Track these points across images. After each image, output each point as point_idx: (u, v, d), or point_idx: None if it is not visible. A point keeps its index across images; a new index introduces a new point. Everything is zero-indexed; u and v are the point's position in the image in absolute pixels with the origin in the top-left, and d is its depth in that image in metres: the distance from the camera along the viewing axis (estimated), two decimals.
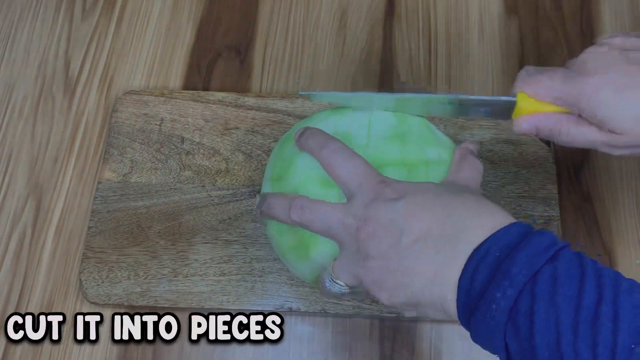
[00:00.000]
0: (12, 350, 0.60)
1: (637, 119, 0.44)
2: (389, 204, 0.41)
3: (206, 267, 0.61)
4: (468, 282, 0.38)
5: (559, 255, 0.36)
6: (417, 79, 0.71)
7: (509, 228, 0.38)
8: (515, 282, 0.36)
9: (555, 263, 0.36)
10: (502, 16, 0.75)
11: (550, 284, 0.35)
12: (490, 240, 0.38)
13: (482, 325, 0.37)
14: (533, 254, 0.36)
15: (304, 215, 0.44)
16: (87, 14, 0.76)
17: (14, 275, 0.63)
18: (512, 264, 0.36)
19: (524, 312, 0.35)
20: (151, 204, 0.64)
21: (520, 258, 0.36)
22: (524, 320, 0.35)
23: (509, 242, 0.37)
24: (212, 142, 0.67)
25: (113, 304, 0.60)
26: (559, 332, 0.34)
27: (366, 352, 0.60)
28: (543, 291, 0.35)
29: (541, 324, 0.35)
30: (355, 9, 0.76)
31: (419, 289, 0.40)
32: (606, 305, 0.34)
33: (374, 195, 0.42)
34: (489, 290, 0.36)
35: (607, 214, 0.64)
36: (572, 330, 0.34)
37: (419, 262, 0.40)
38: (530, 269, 0.36)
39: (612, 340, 0.33)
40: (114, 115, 0.69)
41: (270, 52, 0.73)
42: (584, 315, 0.34)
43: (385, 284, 0.41)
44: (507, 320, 0.36)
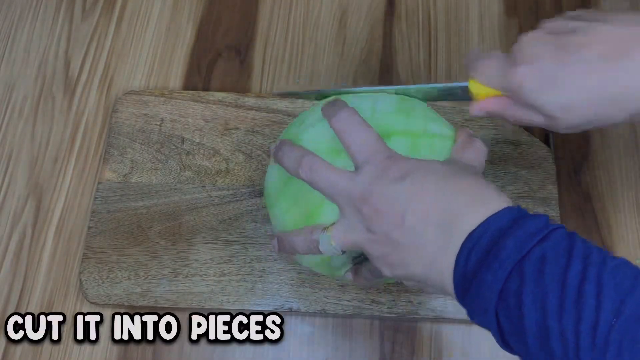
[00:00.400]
0: (12, 350, 0.60)
1: (564, 107, 0.45)
2: (393, 182, 0.42)
3: (206, 267, 0.61)
4: (462, 265, 0.39)
5: (548, 237, 0.38)
6: (417, 78, 0.71)
7: (502, 213, 0.40)
8: (504, 264, 0.37)
9: (543, 244, 0.37)
10: (502, 16, 0.75)
11: (538, 265, 0.37)
12: (484, 225, 0.39)
13: (475, 305, 0.39)
14: (523, 237, 0.38)
15: (311, 175, 0.45)
16: (87, 14, 0.76)
17: (14, 275, 0.63)
18: (502, 247, 0.38)
19: (512, 292, 0.37)
20: (151, 204, 0.64)
21: (509, 241, 0.38)
22: (513, 300, 0.37)
23: (501, 226, 0.39)
24: (212, 143, 0.67)
25: (113, 304, 0.60)
26: (545, 309, 0.35)
27: (366, 352, 0.60)
28: (531, 272, 0.37)
29: (529, 303, 0.36)
30: (355, 9, 0.76)
31: (420, 269, 0.42)
32: (590, 284, 0.35)
33: (380, 171, 0.43)
34: (481, 272, 0.38)
35: (607, 214, 0.64)
36: (557, 308, 0.35)
37: (419, 244, 0.41)
38: (519, 251, 0.37)
39: (595, 316, 0.34)
40: (114, 115, 0.69)
41: (270, 52, 0.73)
42: (569, 293, 0.35)
43: (388, 259, 0.43)
44: (498, 299, 0.38)
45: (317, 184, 0.45)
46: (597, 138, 0.68)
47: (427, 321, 0.61)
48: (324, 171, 0.45)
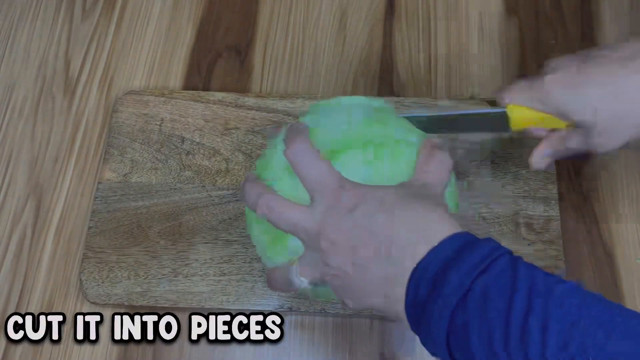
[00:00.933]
0: (12, 350, 0.60)
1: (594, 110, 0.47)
2: (344, 215, 0.42)
3: (206, 267, 0.61)
4: (412, 298, 0.40)
5: (491, 267, 0.37)
6: (417, 79, 0.71)
7: (447, 242, 0.40)
8: (448, 300, 0.37)
9: (486, 276, 0.37)
10: (502, 16, 0.75)
11: (481, 300, 0.36)
12: (429, 256, 0.39)
13: (428, 336, 0.39)
14: (466, 269, 0.37)
15: (269, 214, 0.45)
16: (87, 14, 0.76)
17: (14, 275, 0.63)
18: (446, 281, 0.37)
19: (460, 328, 0.37)
20: (151, 204, 0.64)
21: (452, 275, 0.37)
22: (462, 336, 0.37)
23: (446, 257, 0.39)
24: (212, 142, 0.67)
25: (113, 304, 0.60)
26: (491, 345, 0.35)
27: (366, 352, 0.60)
28: (475, 307, 0.36)
29: (475, 339, 0.36)
30: (355, 9, 0.76)
31: (376, 302, 0.42)
32: (534, 318, 0.34)
33: (332, 203, 0.43)
34: (428, 306, 0.38)
35: (607, 214, 0.64)
36: (503, 344, 0.35)
37: (371, 278, 0.42)
38: (462, 284, 0.37)
39: (541, 351, 0.33)
40: (114, 115, 0.69)
41: (270, 52, 0.73)
42: (514, 330, 0.34)
43: (347, 292, 0.43)
44: (447, 333, 0.37)
45: (276, 223, 0.45)
46: None
47: None
48: (281, 209, 0.45)
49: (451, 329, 0.37)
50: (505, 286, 0.36)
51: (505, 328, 0.35)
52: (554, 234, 0.62)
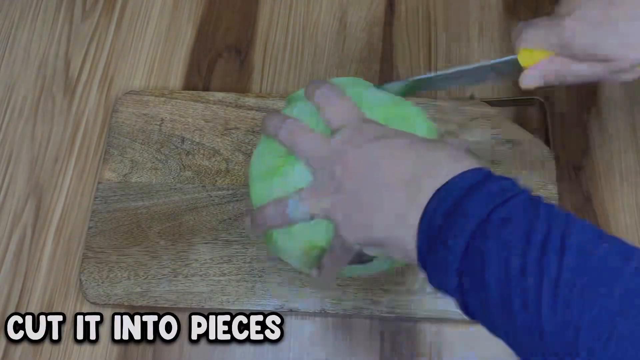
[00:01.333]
0: (12, 350, 0.60)
1: (621, 45, 0.46)
2: (366, 142, 0.43)
3: (206, 267, 0.61)
4: (428, 222, 0.39)
5: (513, 198, 0.37)
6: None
7: (470, 172, 0.39)
8: (469, 222, 0.37)
9: (508, 205, 0.37)
10: (502, 16, 0.75)
11: (502, 224, 0.36)
12: (451, 183, 0.39)
13: (438, 264, 0.39)
14: (489, 196, 0.38)
15: (289, 138, 0.46)
16: (87, 14, 0.76)
17: (14, 275, 0.63)
18: (468, 205, 0.37)
19: (476, 250, 0.36)
20: (151, 204, 0.64)
21: (475, 199, 0.38)
22: (477, 258, 0.36)
23: (469, 184, 0.39)
24: (212, 142, 0.67)
25: (113, 304, 0.60)
26: (508, 267, 0.35)
27: (366, 352, 0.60)
28: (495, 230, 0.36)
29: (492, 261, 0.36)
30: (355, 9, 0.76)
31: (383, 227, 0.41)
32: (554, 243, 0.34)
33: (355, 133, 0.44)
34: (445, 230, 0.38)
35: (607, 214, 0.64)
36: (520, 267, 0.35)
37: (386, 202, 0.41)
38: (485, 209, 0.37)
39: (557, 274, 0.34)
40: (114, 115, 0.69)
41: (270, 52, 0.73)
42: (532, 252, 0.35)
43: (352, 221, 0.43)
44: (461, 259, 0.37)
45: (295, 147, 0.46)
46: (597, 138, 0.68)
47: (427, 321, 0.61)
48: (302, 134, 0.46)
49: (467, 252, 0.37)
50: (526, 215, 0.36)
51: (522, 255, 0.35)
52: None
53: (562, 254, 0.34)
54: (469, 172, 0.39)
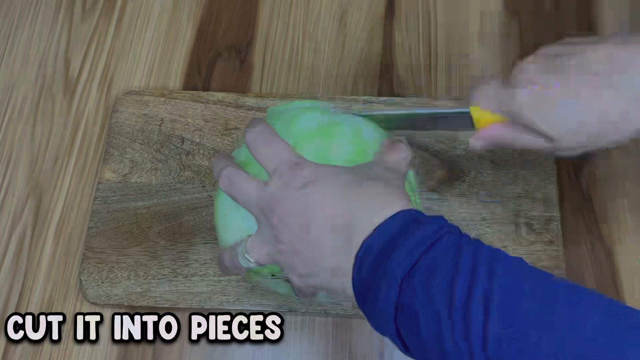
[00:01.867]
0: (12, 350, 0.60)
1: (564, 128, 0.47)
2: (297, 190, 0.43)
3: (206, 267, 0.61)
4: (357, 275, 0.40)
5: (436, 244, 0.38)
6: (417, 79, 0.71)
7: (394, 218, 0.40)
8: (394, 276, 0.37)
9: (432, 253, 0.37)
10: (502, 16, 0.75)
11: (426, 276, 0.36)
12: (377, 232, 0.39)
13: (374, 315, 0.39)
14: (412, 245, 0.38)
15: (228, 186, 0.46)
16: (87, 14, 0.76)
17: (14, 276, 0.63)
18: (392, 258, 0.38)
19: (407, 305, 0.37)
20: (151, 204, 0.64)
21: (399, 251, 0.38)
22: (409, 314, 0.37)
23: (392, 233, 0.39)
24: (212, 143, 0.67)
25: (113, 304, 0.60)
26: (439, 321, 0.35)
27: (366, 352, 0.60)
28: (420, 284, 0.36)
29: (423, 317, 0.36)
30: (355, 9, 0.76)
31: (325, 278, 0.42)
32: (477, 294, 0.34)
33: (286, 179, 0.44)
34: (374, 284, 0.38)
35: (607, 214, 0.64)
36: (449, 322, 0.35)
37: (321, 254, 0.42)
38: (408, 262, 0.37)
39: (484, 326, 0.34)
40: (114, 115, 0.69)
41: (270, 52, 0.73)
42: (457, 304, 0.35)
43: (296, 269, 0.44)
44: (395, 312, 0.37)
45: (233, 195, 0.46)
46: None
47: None
48: (239, 181, 0.45)
49: (398, 306, 0.37)
50: (449, 262, 0.36)
51: (448, 308, 0.35)
52: (554, 234, 0.62)
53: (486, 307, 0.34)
54: (395, 218, 0.40)
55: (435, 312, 0.35)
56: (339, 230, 0.41)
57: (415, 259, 0.37)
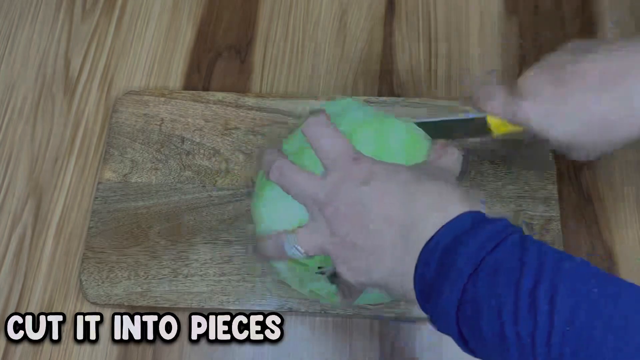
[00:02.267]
0: (12, 350, 0.60)
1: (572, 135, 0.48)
2: (356, 185, 0.43)
3: (206, 267, 0.61)
4: (421, 273, 0.40)
5: (501, 244, 0.38)
6: (417, 79, 0.71)
7: (458, 219, 0.40)
8: (460, 275, 0.38)
9: (496, 252, 0.38)
10: (502, 16, 0.75)
11: (491, 274, 0.37)
12: (440, 233, 0.40)
13: (436, 314, 0.40)
14: (477, 245, 0.38)
15: (280, 178, 0.46)
16: (87, 14, 0.76)
17: (14, 276, 0.63)
18: (457, 257, 0.38)
19: (470, 303, 0.37)
20: (151, 204, 0.64)
21: (463, 250, 0.38)
22: (471, 311, 0.37)
23: (456, 234, 0.39)
24: (212, 142, 0.67)
25: (113, 304, 0.60)
26: (501, 319, 0.36)
27: (366, 352, 0.60)
28: (485, 282, 0.37)
29: (486, 313, 0.36)
30: (355, 9, 0.76)
31: (381, 275, 0.42)
32: (543, 292, 0.35)
33: (345, 174, 0.44)
34: (438, 282, 0.39)
35: (607, 214, 0.64)
36: (513, 316, 0.35)
37: (380, 249, 0.42)
38: (473, 261, 0.38)
39: (549, 323, 0.34)
40: (114, 115, 0.69)
41: (270, 52, 0.73)
42: (522, 305, 0.35)
43: (351, 264, 0.44)
44: (457, 310, 0.38)
45: (286, 187, 0.46)
46: None
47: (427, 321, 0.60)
48: (292, 175, 0.46)
49: (461, 303, 0.38)
50: (515, 262, 0.37)
51: (514, 303, 0.35)
52: (554, 234, 0.62)
53: (552, 302, 0.34)
54: (459, 219, 0.40)
55: (499, 308, 0.36)
56: (401, 225, 0.41)
57: (481, 257, 0.38)
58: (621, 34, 0.72)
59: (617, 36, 0.72)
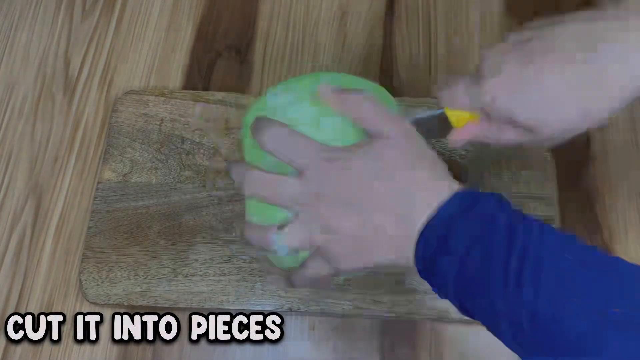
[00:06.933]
0: (12, 350, 0.60)
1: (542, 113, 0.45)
2: (340, 178, 0.43)
3: (206, 267, 0.61)
4: (421, 253, 0.41)
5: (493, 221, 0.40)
6: (417, 79, 0.71)
7: (452, 200, 0.41)
8: (456, 252, 0.40)
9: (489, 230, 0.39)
10: (502, 16, 0.75)
11: (484, 252, 0.39)
12: (436, 215, 0.41)
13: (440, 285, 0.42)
14: (470, 224, 0.40)
15: (256, 191, 0.45)
16: (87, 14, 0.76)
17: (14, 275, 0.63)
18: (452, 236, 0.40)
19: (466, 277, 0.40)
20: (151, 204, 0.64)
21: (459, 230, 0.40)
22: (466, 284, 0.40)
23: (451, 213, 0.41)
24: (212, 142, 0.67)
25: (113, 304, 0.60)
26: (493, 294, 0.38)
27: (366, 352, 0.60)
28: (478, 259, 0.39)
29: (478, 284, 0.39)
30: (355, 9, 0.76)
31: (386, 258, 0.43)
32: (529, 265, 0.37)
33: (326, 171, 0.43)
34: (437, 261, 0.41)
35: (607, 214, 0.64)
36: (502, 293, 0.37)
37: (384, 237, 0.43)
38: (467, 238, 0.39)
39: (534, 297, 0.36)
40: (114, 115, 0.68)
41: (270, 52, 0.73)
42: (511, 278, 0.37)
43: (348, 254, 0.44)
44: (455, 285, 0.40)
45: (262, 197, 0.45)
46: (597, 138, 0.68)
47: (427, 321, 0.61)
48: (268, 183, 0.44)
49: (457, 280, 0.40)
50: (503, 237, 0.39)
51: (504, 277, 0.37)
52: None
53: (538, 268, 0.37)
54: (451, 201, 0.41)
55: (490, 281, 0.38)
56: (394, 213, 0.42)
57: (476, 234, 0.39)
58: None
59: None
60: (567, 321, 0.36)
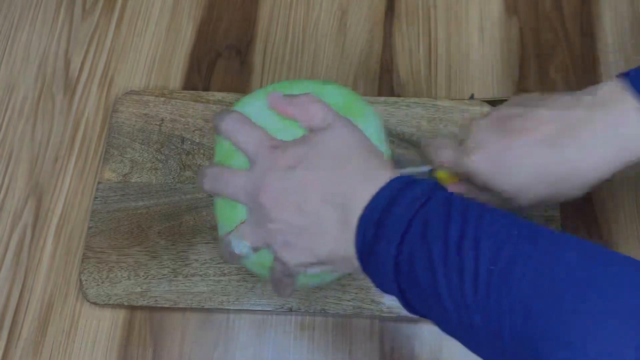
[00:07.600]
0: (12, 350, 0.60)
1: (517, 189, 0.50)
2: (285, 172, 0.44)
3: (206, 267, 0.61)
4: (361, 240, 0.42)
5: (429, 201, 0.41)
6: (417, 79, 0.71)
7: (388, 185, 0.42)
8: (394, 234, 0.40)
9: (425, 209, 0.40)
10: (502, 16, 0.75)
11: (421, 229, 0.39)
12: (374, 200, 0.42)
13: (379, 275, 0.42)
14: (407, 205, 0.41)
15: (215, 184, 0.48)
16: (87, 14, 0.76)
17: (14, 275, 0.63)
18: (389, 219, 0.41)
19: (405, 258, 0.40)
20: (151, 204, 0.64)
21: (395, 211, 0.41)
22: (407, 265, 0.40)
23: (389, 198, 0.42)
24: (212, 142, 0.67)
25: (113, 304, 0.60)
26: (433, 267, 0.38)
27: (366, 352, 0.60)
28: (416, 236, 0.39)
29: (420, 264, 0.39)
30: (355, 9, 0.76)
31: (326, 249, 0.44)
32: (468, 239, 0.38)
33: (271, 163, 0.45)
34: (376, 245, 0.41)
35: (607, 214, 0.64)
36: (443, 263, 0.38)
37: (323, 226, 0.43)
38: (405, 219, 0.40)
39: (475, 265, 0.37)
40: (114, 115, 0.69)
41: (270, 52, 0.73)
42: (451, 249, 0.38)
43: (293, 246, 0.45)
44: (394, 267, 0.40)
45: (219, 190, 0.47)
46: None
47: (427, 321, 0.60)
48: (224, 175, 0.47)
49: (398, 261, 0.40)
50: (443, 216, 0.39)
51: (443, 252, 0.38)
52: None
53: (477, 247, 0.37)
54: (388, 187, 0.42)
55: (430, 258, 0.38)
56: (335, 203, 0.43)
57: (412, 216, 0.40)
58: (620, 34, 0.72)
59: (616, 36, 0.72)
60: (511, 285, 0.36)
